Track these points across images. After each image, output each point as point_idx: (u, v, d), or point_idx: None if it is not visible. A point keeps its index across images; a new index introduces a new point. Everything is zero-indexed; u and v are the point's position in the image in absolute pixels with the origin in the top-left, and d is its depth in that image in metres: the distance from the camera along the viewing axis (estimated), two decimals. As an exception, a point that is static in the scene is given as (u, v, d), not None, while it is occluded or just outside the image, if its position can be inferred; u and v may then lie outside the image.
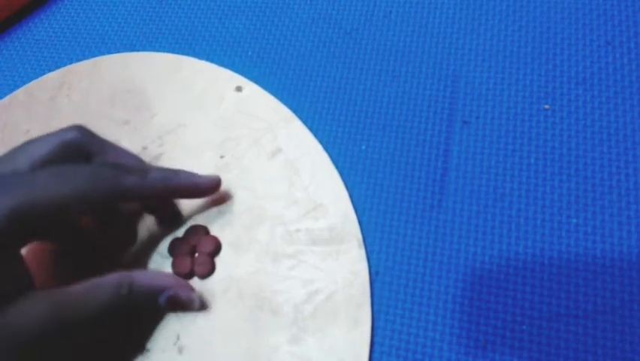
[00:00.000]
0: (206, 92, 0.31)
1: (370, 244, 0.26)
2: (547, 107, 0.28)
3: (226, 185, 0.28)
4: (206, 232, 0.27)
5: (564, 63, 0.29)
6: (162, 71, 0.33)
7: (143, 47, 0.34)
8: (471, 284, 0.25)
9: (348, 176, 0.28)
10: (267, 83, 0.31)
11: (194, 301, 0.25)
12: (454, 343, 0.24)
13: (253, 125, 0.30)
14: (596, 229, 0.25)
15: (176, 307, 0.25)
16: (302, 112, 0.30)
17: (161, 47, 0.34)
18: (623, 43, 0.29)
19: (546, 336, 0.23)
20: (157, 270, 0.27)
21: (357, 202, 0.27)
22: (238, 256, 0.27)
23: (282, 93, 0.31)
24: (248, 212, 0.28)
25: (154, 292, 0.24)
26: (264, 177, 0.28)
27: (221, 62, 0.33)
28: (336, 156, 0.29)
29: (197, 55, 0.33)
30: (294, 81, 0.31)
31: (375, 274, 0.26)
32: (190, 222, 0.28)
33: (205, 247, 0.26)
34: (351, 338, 0.24)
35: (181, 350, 0.25)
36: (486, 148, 0.28)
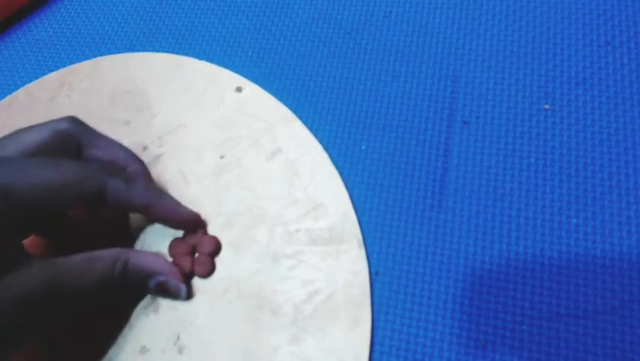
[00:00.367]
0: (206, 93, 0.31)
1: (370, 244, 0.26)
2: (547, 107, 0.28)
3: (226, 185, 0.28)
4: (205, 232, 0.27)
5: (564, 63, 0.29)
6: (162, 71, 0.33)
7: (143, 47, 0.34)
8: (471, 284, 0.25)
9: (348, 176, 0.28)
10: (267, 83, 0.31)
11: (181, 291, 0.25)
12: (454, 343, 0.24)
13: (253, 126, 0.30)
14: (596, 229, 0.25)
15: (164, 293, 0.25)
16: (302, 112, 0.30)
17: (161, 47, 0.34)
18: (623, 43, 0.29)
19: (546, 336, 0.23)
20: (156, 255, 0.26)
21: (357, 202, 0.27)
22: (238, 256, 0.27)
23: (282, 93, 0.31)
24: (248, 212, 0.28)
25: (147, 275, 0.24)
26: (263, 177, 0.28)
27: (221, 62, 0.33)
28: (336, 156, 0.29)
29: (197, 55, 0.33)
30: (294, 81, 0.31)
31: (375, 274, 0.26)
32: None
33: (205, 247, 0.26)
34: (351, 338, 0.24)
35: (181, 350, 0.25)
36: (486, 148, 0.28)
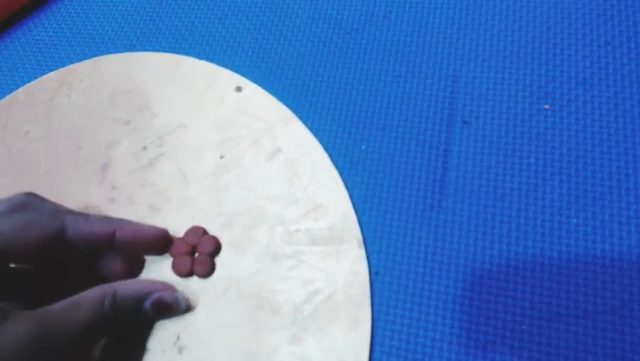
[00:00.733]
0: (206, 92, 0.31)
1: (370, 244, 0.26)
2: (547, 107, 0.28)
3: (226, 185, 0.28)
4: (205, 232, 0.27)
5: (564, 63, 0.29)
6: (162, 71, 0.33)
7: (143, 47, 0.34)
8: (471, 284, 0.25)
9: (348, 176, 0.28)
10: (267, 83, 0.31)
11: (180, 302, 0.25)
12: (454, 343, 0.24)
13: (253, 126, 0.30)
14: (596, 229, 0.25)
15: (162, 311, 0.24)
16: (302, 112, 0.30)
17: (161, 47, 0.34)
18: (623, 43, 0.29)
19: (546, 336, 0.23)
20: (143, 279, 0.26)
21: (357, 202, 0.27)
22: (238, 256, 0.27)
23: (282, 93, 0.31)
24: (248, 212, 0.28)
25: (139, 298, 0.24)
26: (263, 177, 0.28)
27: (221, 62, 0.33)
28: (336, 156, 0.29)
29: (197, 55, 0.33)
30: (294, 81, 0.31)
31: (375, 274, 0.26)
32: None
33: (205, 247, 0.26)
34: (351, 338, 0.24)
35: (181, 350, 0.25)
36: (486, 148, 0.28)
